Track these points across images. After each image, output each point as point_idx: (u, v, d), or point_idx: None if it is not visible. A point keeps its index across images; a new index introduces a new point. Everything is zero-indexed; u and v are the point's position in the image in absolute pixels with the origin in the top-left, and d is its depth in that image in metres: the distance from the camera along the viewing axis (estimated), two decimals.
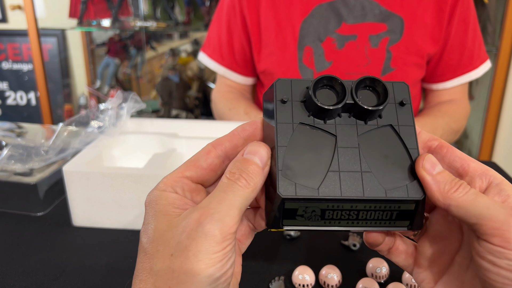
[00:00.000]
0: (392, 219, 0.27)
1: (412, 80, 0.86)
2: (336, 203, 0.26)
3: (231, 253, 0.24)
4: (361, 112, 0.28)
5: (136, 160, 0.64)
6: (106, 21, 1.82)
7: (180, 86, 1.87)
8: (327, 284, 0.43)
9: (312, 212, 0.26)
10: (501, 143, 1.59)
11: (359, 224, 0.27)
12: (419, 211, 0.27)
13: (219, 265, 0.23)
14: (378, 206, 0.27)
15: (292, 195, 0.25)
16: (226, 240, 0.23)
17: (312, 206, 0.26)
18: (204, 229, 0.23)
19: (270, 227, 0.27)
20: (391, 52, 0.82)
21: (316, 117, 0.28)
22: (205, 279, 0.23)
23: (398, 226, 0.27)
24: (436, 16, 0.82)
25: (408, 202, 0.26)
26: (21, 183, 0.57)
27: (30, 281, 0.45)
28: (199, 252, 0.23)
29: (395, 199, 0.26)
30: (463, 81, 0.89)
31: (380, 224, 0.27)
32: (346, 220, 0.27)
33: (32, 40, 1.71)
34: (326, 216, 0.27)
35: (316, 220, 0.27)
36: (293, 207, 0.26)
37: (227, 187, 0.25)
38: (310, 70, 0.85)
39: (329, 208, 0.26)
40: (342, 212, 0.27)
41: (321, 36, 0.83)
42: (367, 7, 0.81)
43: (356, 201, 0.26)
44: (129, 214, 0.54)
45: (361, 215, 0.27)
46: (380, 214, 0.27)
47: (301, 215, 0.27)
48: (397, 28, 0.81)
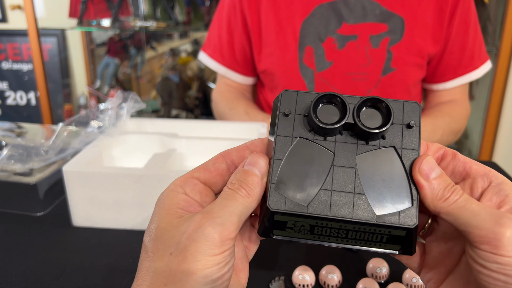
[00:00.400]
0: (383, 241, 0.27)
1: (412, 80, 0.86)
2: (324, 221, 0.26)
3: (229, 258, 0.24)
4: (362, 132, 0.27)
5: (136, 160, 0.64)
6: (106, 21, 1.82)
7: (180, 86, 1.87)
8: (327, 284, 0.43)
9: (301, 226, 0.27)
10: (501, 143, 1.59)
11: (349, 242, 0.27)
12: (410, 238, 0.26)
13: (216, 268, 0.23)
14: (368, 229, 0.26)
15: (281, 209, 0.26)
16: (224, 244, 0.24)
17: (301, 221, 0.26)
18: (205, 231, 0.23)
19: (260, 235, 0.28)
20: (391, 53, 0.82)
21: (316, 133, 0.28)
22: (201, 280, 0.23)
23: (388, 249, 0.27)
24: (437, 16, 0.82)
25: (399, 229, 0.26)
26: (21, 183, 0.57)
27: (30, 281, 0.45)
28: (197, 253, 0.23)
29: (384, 224, 0.26)
30: (464, 81, 0.89)
31: (370, 245, 0.27)
32: (335, 237, 0.27)
33: (32, 40, 1.70)
34: (315, 231, 0.27)
35: (306, 234, 0.27)
36: (283, 220, 0.27)
37: (229, 196, 0.26)
38: (311, 70, 0.85)
39: (318, 225, 0.26)
40: (331, 230, 0.27)
41: (321, 36, 0.83)
42: (368, 7, 0.81)
43: (344, 222, 0.26)
44: (129, 214, 0.54)
45: (350, 235, 0.27)
46: (370, 236, 0.27)
47: (291, 227, 0.27)
48: (398, 28, 0.81)
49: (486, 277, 0.24)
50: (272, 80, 0.90)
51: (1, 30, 1.98)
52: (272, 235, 0.28)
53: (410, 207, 0.26)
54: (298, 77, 0.86)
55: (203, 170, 0.29)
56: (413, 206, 0.26)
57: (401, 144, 0.28)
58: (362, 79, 0.84)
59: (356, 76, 0.84)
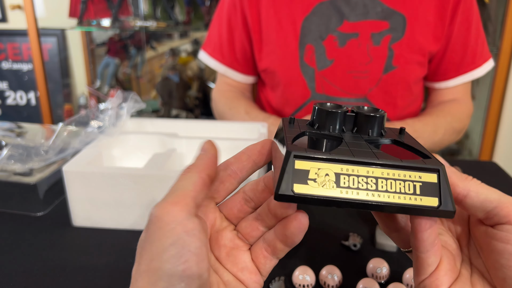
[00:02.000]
0: (417, 193, 0.24)
1: (413, 78, 0.86)
2: (350, 165, 0.24)
3: (198, 248, 0.23)
4: (363, 120, 0.29)
5: (136, 160, 0.64)
6: (106, 21, 1.82)
7: (180, 86, 1.87)
8: (328, 285, 0.43)
9: (326, 176, 0.24)
10: (501, 143, 1.59)
11: (381, 197, 0.24)
12: (444, 185, 0.24)
13: (191, 263, 0.23)
14: (397, 174, 0.24)
15: (303, 153, 0.24)
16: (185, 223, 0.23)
17: (326, 168, 0.24)
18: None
19: (278, 196, 0.24)
20: (393, 50, 0.82)
21: (320, 129, 0.29)
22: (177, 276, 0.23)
23: (425, 204, 0.24)
24: (438, 14, 0.81)
25: (428, 171, 0.24)
26: (21, 183, 0.57)
27: (30, 281, 0.45)
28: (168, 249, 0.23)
29: (412, 165, 0.24)
30: (466, 79, 0.88)
31: (405, 200, 0.24)
32: (364, 190, 0.24)
33: (32, 40, 1.70)
34: (341, 183, 0.24)
35: (331, 188, 0.24)
36: (304, 168, 0.24)
37: (177, 180, 0.26)
38: (312, 69, 0.85)
39: (344, 172, 0.24)
40: (358, 179, 0.24)
41: (322, 34, 0.83)
42: (369, 5, 0.81)
43: (370, 164, 0.24)
44: (129, 214, 0.54)
45: (380, 185, 0.24)
46: (402, 185, 0.24)
47: (314, 179, 0.24)
48: (399, 26, 0.81)
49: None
50: (272, 78, 0.90)
51: (1, 30, 1.98)
52: (292, 191, 0.24)
53: (430, 159, 0.26)
54: (299, 76, 0.86)
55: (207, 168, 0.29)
56: (434, 158, 0.26)
57: (400, 139, 0.29)
58: (363, 77, 0.84)
59: (358, 74, 0.83)
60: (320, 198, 0.24)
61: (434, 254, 0.27)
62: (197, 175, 0.26)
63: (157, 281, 0.22)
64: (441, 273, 0.27)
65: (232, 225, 0.30)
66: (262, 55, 0.89)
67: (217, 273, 0.28)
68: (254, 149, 0.30)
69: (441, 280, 0.27)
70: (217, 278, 0.27)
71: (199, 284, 0.23)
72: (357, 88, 0.85)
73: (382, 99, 0.85)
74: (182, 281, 0.22)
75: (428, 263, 0.27)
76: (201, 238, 0.24)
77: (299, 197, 0.24)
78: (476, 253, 0.28)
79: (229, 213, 0.30)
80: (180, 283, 0.22)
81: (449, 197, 0.24)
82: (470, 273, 0.28)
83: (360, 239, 0.51)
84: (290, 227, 0.26)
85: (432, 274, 0.28)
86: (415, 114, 0.92)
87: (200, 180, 0.26)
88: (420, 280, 0.28)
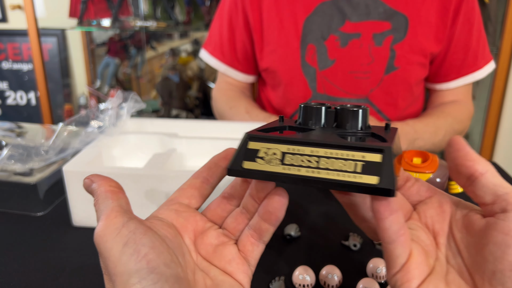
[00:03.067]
0: (357, 171, 0.25)
1: (415, 79, 0.86)
2: (297, 145, 0.26)
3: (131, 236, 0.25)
4: (342, 116, 0.30)
5: (136, 160, 0.64)
6: (106, 21, 1.82)
7: (180, 86, 1.87)
8: (328, 284, 0.43)
9: (273, 155, 0.26)
10: (501, 143, 1.59)
11: (320, 174, 0.25)
12: (388, 165, 0.24)
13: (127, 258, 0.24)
14: (340, 154, 0.25)
15: (257, 135, 0.27)
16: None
17: (274, 148, 0.27)
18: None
19: (230, 170, 0.27)
20: (395, 51, 0.82)
21: (303, 124, 0.32)
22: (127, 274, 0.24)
23: (364, 182, 0.24)
24: (440, 15, 0.81)
25: (373, 151, 0.25)
26: (21, 183, 0.57)
27: (30, 281, 0.45)
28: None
29: (357, 146, 0.25)
30: (467, 81, 0.88)
31: (344, 177, 0.25)
32: (306, 168, 0.25)
33: (32, 40, 1.71)
34: (285, 161, 0.26)
35: (276, 165, 0.26)
36: (256, 148, 0.27)
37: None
38: (313, 69, 0.85)
39: (290, 151, 0.26)
40: (302, 157, 0.26)
41: (324, 34, 0.83)
42: (371, 5, 0.81)
43: (317, 145, 0.26)
44: None
45: (322, 163, 0.25)
46: (343, 164, 0.25)
47: (262, 157, 0.27)
48: (401, 26, 0.81)
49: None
50: (274, 78, 0.90)
51: (1, 30, 1.98)
52: (242, 166, 0.27)
53: (382, 143, 0.26)
54: (300, 76, 0.86)
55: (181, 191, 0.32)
56: (388, 141, 0.26)
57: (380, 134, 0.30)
58: (365, 77, 0.84)
59: (359, 74, 0.83)
60: (264, 172, 0.26)
61: (401, 245, 0.27)
62: (104, 194, 0.28)
63: (128, 280, 0.23)
64: (411, 266, 0.27)
65: (216, 225, 0.31)
66: (263, 55, 0.89)
67: (203, 271, 0.28)
68: (219, 156, 0.32)
69: (412, 274, 0.27)
70: (203, 275, 0.28)
71: (171, 274, 0.24)
72: (358, 88, 0.85)
73: (383, 99, 0.85)
74: (151, 272, 0.23)
75: (396, 254, 0.27)
76: (150, 234, 0.25)
77: (246, 172, 0.27)
78: (455, 252, 0.28)
79: (213, 214, 0.31)
80: (150, 275, 0.23)
81: (391, 176, 0.24)
82: (445, 271, 0.28)
83: (360, 239, 0.51)
84: (272, 203, 0.28)
85: (403, 267, 0.27)
86: (416, 115, 0.92)
87: (109, 191, 0.28)
88: (391, 274, 0.28)
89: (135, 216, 0.27)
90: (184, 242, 0.29)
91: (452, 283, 0.27)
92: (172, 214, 0.30)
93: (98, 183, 0.28)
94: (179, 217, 0.30)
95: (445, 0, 0.81)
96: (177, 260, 0.26)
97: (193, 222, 0.30)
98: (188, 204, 0.31)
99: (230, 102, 0.92)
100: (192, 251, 0.29)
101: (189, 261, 0.28)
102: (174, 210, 0.30)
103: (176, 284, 0.24)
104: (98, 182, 0.29)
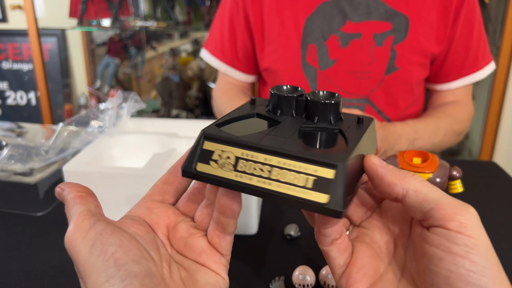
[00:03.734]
0: (307, 187, 0.23)
1: (415, 79, 0.86)
2: (251, 151, 0.25)
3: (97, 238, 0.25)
4: (312, 107, 0.28)
5: (136, 160, 0.64)
6: (106, 21, 1.82)
7: (180, 86, 1.87)
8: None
9: (227, 159, 0.25)
10: (502, 143, 1.59)
11: (271, 186, 0.24)
12: (340, 183, 0.23)
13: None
14: (293, 165, 0.24)
15: (214, 133, 0.26)
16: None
17: (228, 151, 0.25)
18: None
19: (183, 171, 0.26)
20: (395, 51, 0.82)
21: (273, 111, 0.30)
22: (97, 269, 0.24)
23: (313, 199, 0.23)
24: (441, 15, 0.81)
25: (326, 166, 0.23)
26: (21, 183, 0.57)
27: (30, 281, 0.45)
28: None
29: (311, 158, 0.24)
30: (467, 82, 0.88)
31: (294, 191, 0.24)
32: (257, 177, 0.24)
33: (32, 40, 1.71)
34: (238, 167, 0.25)
35: (228, 170, 0.25)
36: (210, 149, 0.26)
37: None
38: (314, 69, 0.85)
39: (243, 157, 0.25)
40: (255, 165, 0.25)
41: (325, 34, 0.83)
42: (372, 6, 0.81)
43: (271, 152, 0.24)
44: None
45: (274, 174, 0.24)
46: (295, 177, 0.24)
47: (215, 160, 0.25)
48: (402, 27, 0.81)
49: (450, 265, 0.22)
50: (274, 78, 0.90)
51: (1, 30, 1.98)
52: (195, 168, 0.26)
53: (340, 154, 0.24)
54: (301, 75, 0.86)
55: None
56: (345, 153, 0.24)
57: (347, 129, 0.28)
58: (365, 77, 0.84)
59: (360, 74, 0.83)
60: (216, 178, 0.25)
61: (337, 248, 0.27)
62: (73, 200, 0.28)
63: (97, 280, 0.23)
64: (353, 269, 0.27)
65: (188, 218, 0.31)
66: (264, 54, 0.89)
67: (178, 263, 0.29)
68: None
69: (354, 278, 0.27)
70: (178, 267, 0.28)
71: (140, 270, 0.24)
72: (359, 88, 0.85)
73: (384, 100, 0.86)
74: (118, 270, 0.23)
75: (332, 256, 0.27)
76: (117, 233, 0.25)
77: (199, 176, 0.26)
78: (412, 256, 0.27)
79: (184, 207, 0.31)
80: (118, 272, 0.23)
81: (341, 196, 0.23)
82: (398, 278, 0.27)
83: None
84: (222, 197, 0.27)
85: (345, 272, 0.27)
86: (416, 115, 0.92)
87: (78, 197, 0.28)
88: (336, 279, 0.28)
89: (104, 218, 0.27)
90: (158, 237, 0.29)
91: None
92: (144, 212, 0.30)
93: (67, 190, 0.29)
94: (151, 213, 0.30)
95: (446, 1, 0.81)
96: (148, 255, 0.26)
97: (165, 217, 0.30)
98: (162, 200, 0.31)
99: (231, 101, 0.92)
100: (166, 245, 0.29)
101: (164, 254, 0.28)
102: (146, 207, 0.30)
103: (147, 279, 0.24)
104: (67, 189, 0.29)
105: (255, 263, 0.48)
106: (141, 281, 0.23)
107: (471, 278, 0.22)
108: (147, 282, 0.24)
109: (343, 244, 0.28)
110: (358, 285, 0.27)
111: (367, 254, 0.28)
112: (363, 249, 0.28)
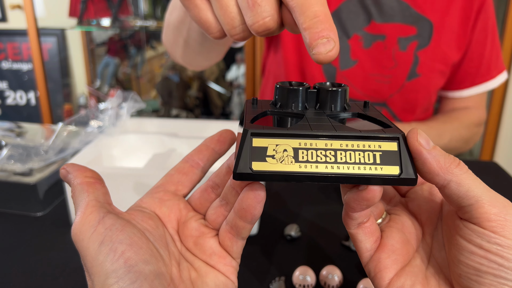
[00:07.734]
0: (377, 162, 0.24)
1: (435, 87, 0.83)
2: (308, 139, 0.24)
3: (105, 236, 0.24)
4: (324, 96, 0.28)
5: (136, 160, 0.64)
6: (106, 20, 1.82)
7: (180, 85, 1.87)
8: (328, 285, 0.43)
9: (284, 152, 0.24)
10: (502, 143, 1.59)
11: (340, 169, 0.24)
12: (405, 153, 0.24)
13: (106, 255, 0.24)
14: (356, 145, 0.24)
15: (260, 130, 0.24)
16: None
17: (284, 144, 0.24)
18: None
19: (237, 175, 0.23)
20: (418, 57, 0.79)
21: (282, 107, 0.29)
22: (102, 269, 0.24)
23: (386, 173, 0.24)
24: (462, 23, 0.79)
25: (388, 139, 0.24)
26: (21, 183, 0.57)
27: (30, 281, 0.45)
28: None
29: (371, 135, 0.24)
30: (480, 90, 0.86)
31: (365, 170, 0.24)
32: (324, 163, 0.24)
33: (32, 40, 1.70)
34: (300, 158, 0.24)
35: (290, 163, 0.24)
36: (262, 145, 0.24)
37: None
38: (334, 68, 0.82)
39: (302, 147, 0.24)
40: (317, 152, 0.24)
41: (348, 31, 0.80)
42: (397, 8, 0.78)
43: (328, 137, 0.24)
44: None
45: (339, 157, 0.24)
46: (362, 156, 0.24)
47: (272, 155, 0.24)
48: (426, 33, 0.78)
49: (481, 259, 0.23)
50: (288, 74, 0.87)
51: (1, 30, 1.98)
52: (251, 169, 0.23)
53: (389, 128, 0.25)
54: (319, 74, 0.83)
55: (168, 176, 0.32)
56: (393, 127, 0.25)
57: (365, 112, 0.29)
58: (386, 81, 0.81)
59: (380, 78, 0.81)
60: (279, 174, 0.24)
61: (363, 231, 0.27)
62: (79, 186, 0.27)
63: (105, 280, 0.23)
64: (383, 255, 0.26)
65: (199, 215, 0.30)
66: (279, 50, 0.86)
67: (188, 262, 0.28)
68: (212, 138, 0.31)
69: (384, 263, 0.26)
70: (188, 266, 0.28)
71: (150, 271, 0.23)
72: (378, 92, 0.82)
73: (401, 106, 0.83)
74: (128, 272, 0.23)
75: (359, 239, 0.27)
76: (127, 230, 0.24)
77: (258, 175, 0.23)
78: (441, 244, 0.27)
79: (196, 203, 0.30)
80: (128, 274, 0.23)
81: (410, 164, 0.24)
82: (426, 265, 0.27)
83: None
84: (247, 199, 0.26)
85: (373, 256, 0.27)
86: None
87: (85, 183, 0.27)
88: (364, 263, 0.27)
89: (113, 209, 0.26)
90: (168, 232, 0.28)
91: (431, 279, 0.26)
92: (156, 203, 0.29)
93: (74, 174, 0.27)
94: (162, 206, 0.29)
95: (467, 8, 0.78)
96: (158, 254, 0.25)
97: (177, 211, 0.29)
98: (175, 191, 0.30)
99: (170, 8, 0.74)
100: (176, 241, 0.28)
101: (174, 251, 0.27)
102: (158, 198, 0.29)
103: (156, 280, 0.23)
104: (73, 173, 0.27)
105: (255, 263, 0.47)
106: (151, 283, 0.23)
107: (501, 272, 0.22)
108: (156, 284, 0.23)
109: (371, 228, 0.27)
110: (388, 270, 0.26)
111: (397, 240, 0.27)
112: (393, 234, 0.28)
